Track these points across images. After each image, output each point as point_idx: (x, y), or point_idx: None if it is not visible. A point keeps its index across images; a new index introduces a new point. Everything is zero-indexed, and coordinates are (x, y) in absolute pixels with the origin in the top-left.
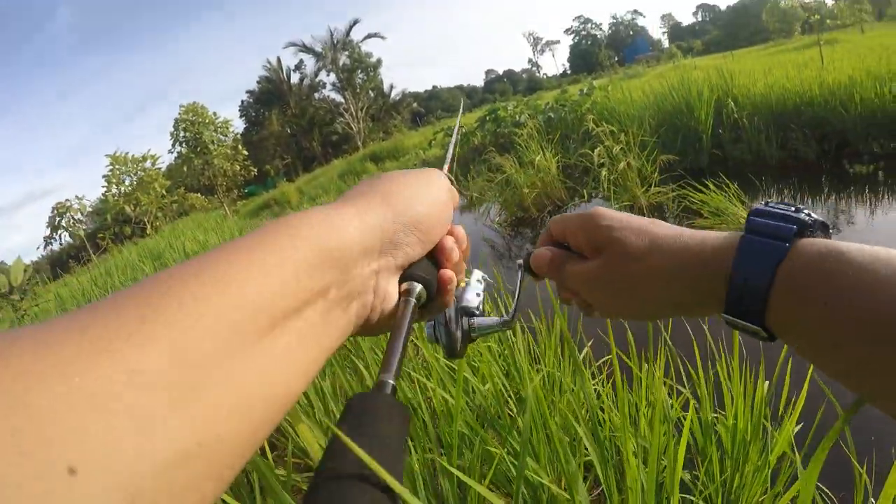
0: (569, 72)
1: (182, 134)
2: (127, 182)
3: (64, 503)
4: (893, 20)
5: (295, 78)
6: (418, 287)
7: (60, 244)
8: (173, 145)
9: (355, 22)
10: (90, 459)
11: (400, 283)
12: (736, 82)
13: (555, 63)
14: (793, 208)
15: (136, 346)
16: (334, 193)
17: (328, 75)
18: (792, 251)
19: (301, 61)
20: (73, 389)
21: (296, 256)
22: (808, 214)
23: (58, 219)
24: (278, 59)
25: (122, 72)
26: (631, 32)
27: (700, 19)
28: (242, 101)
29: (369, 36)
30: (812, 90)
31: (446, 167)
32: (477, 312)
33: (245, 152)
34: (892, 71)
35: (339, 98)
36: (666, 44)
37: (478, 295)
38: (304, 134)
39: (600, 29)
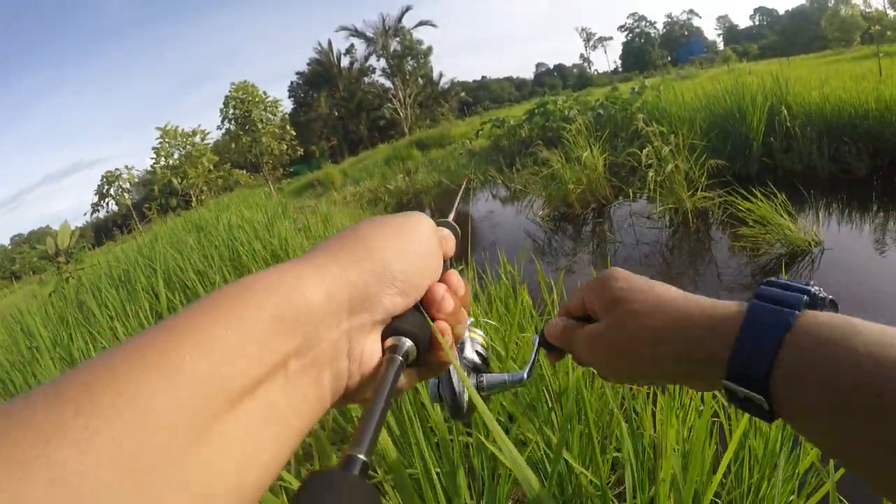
0: (620, 69)
1: (231, 111)
2: (175, 155)
3: None
4: None
5: (345, 62)
6: (406, 342)
7: (107, 212)
8: (222, 122)
9: (407, 9)
10: None
11: (384, 339)
12: (791, 90)
13: (607, 60)
14: (804, 282)
15: (69, 445)
16: (378, 177)
17: (378, 60)
18: (801, 319)
19: (352, 45)
20: None
21: (245, 326)
22: (819, 289)
23: (106, 187)
24: (329, 42)
25: (176, 48)
26: (686, 33)
27: (757, 23)
28: (292, 82)
29: (421, 23)
30: (868, 103)
31: (452, 216)
32: (482, 368)
33: (293, 132)
34: None
35: (387, 84)
36: (721, 46)
37: (478, 352)
38: (351, 117)
39: (654, 27)
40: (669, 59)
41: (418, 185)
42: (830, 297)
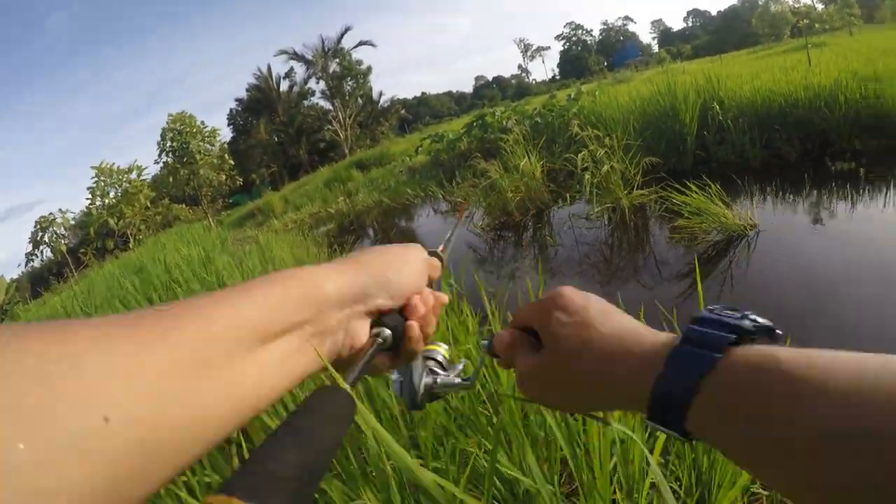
0: (558, 77)
1: (169, 144)
2: (112, 194)
3: (98, 443)
4: (882, 23)
5: (284, 86)
6: (386, 332)
7: (42, 260)
8: (160, 155)
9: (347, 30)
10: (120, 409)
11: (372, 327)
12: (723, 86)
13: (545, 69)
14: (738, 314)
15: (166, 331)
16: (319, 202)
17: (318, 83)
18: (723, 362)
19: (291, 69)
20: (120, 355)
21: (285, 294)
22: (754, 320)
23: (40, 233)
24: (268, 67)
25: (115, 80)
26: (621, 38)
27: (691, 24)
28: (231, 110)
29: (360, 44)
30: (798, 92)
31: (441, 248)
32: (441, 372)
33: (231, 161)
34: (878, 72)
35: (328, 105)
36: (656, 49)
37: (438, 360)
38: (291, 142)
39: (591, 35)
40: (606, 64)
41: (359, 206)
42: (767, 324)
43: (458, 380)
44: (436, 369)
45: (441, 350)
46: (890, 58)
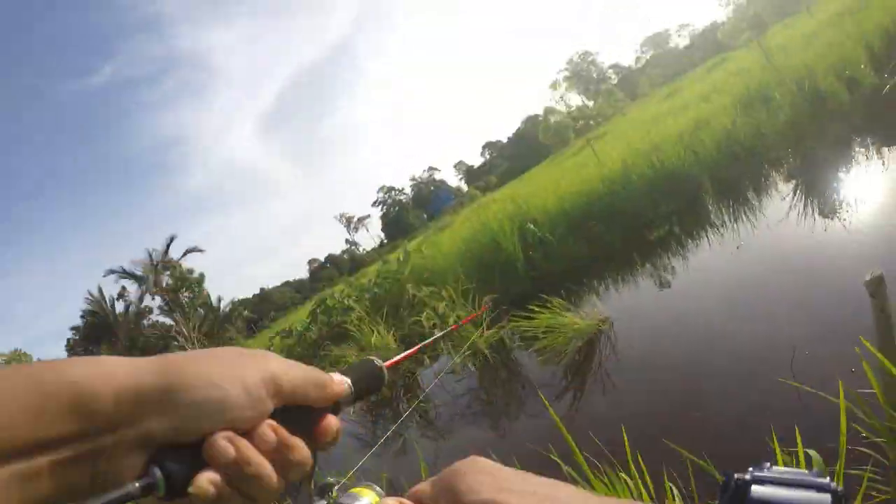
0: (386, 241)
1: None
2: None
3: None
4: (644, 96)
5: (120, 307)
6: (157, 474)
7: None
8: None
9: (172, 239)
10: None
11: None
12: (531, 204)
13: (370, 236)
14: (805, 472)
15: None
16: None
17: (153, 299)
18: None
19: (123, 288)
20: None
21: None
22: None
23: None
24: (100, 289)
25: None
26: (432, 188)
27: (489, 156)
28: (69, 340)
29: (188, 251)
30: (595, 185)
31: (386, 363)
32: None
33: None
34: (654, 141)
35: (169, 321)
36: (465, 188)
37: None
38: None
39: (404, 193)
40: (425, 216)
41: None
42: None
43: None
44: None
45: (364, 498)
46: (659, 125)
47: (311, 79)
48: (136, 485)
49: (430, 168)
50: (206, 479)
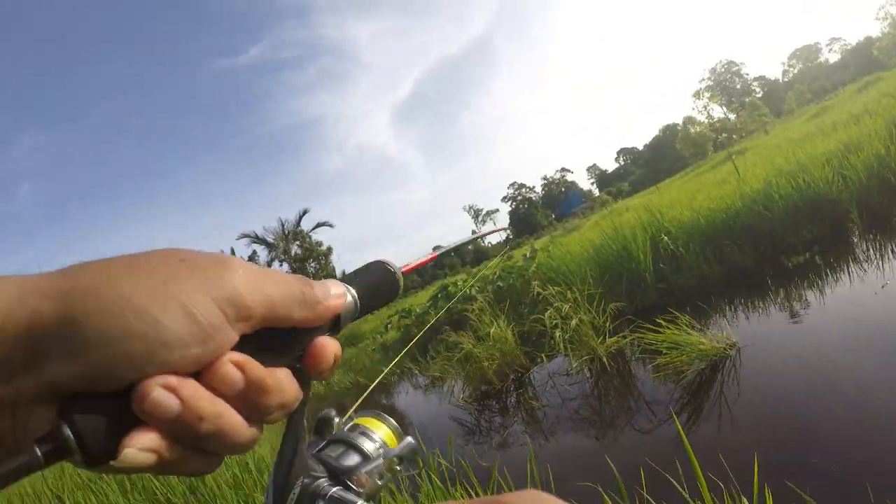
0: (511, 237)
1: None
2: None
3: None
4: (790, 114)
5: None
6: (65, 431)
7: None
8: None
9: (305, 212)
10: None
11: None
12: (666, 216)
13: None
14: None
15: None
16: None
17: (281, 265)
18: None
19: (254, 252)
20: None
21: None
22: None
23: None
24: (232, 251)
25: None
26: (563, 189)
27: (623, 163)
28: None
29: (319, 225)
30: (735, 203)
31: (403, 267)
32: (354, 482)
33: None
34: (801, 162)
35: None
36: (596, 192)
37: (373, 442)
38: None
39: (534, 191)
40: (554, 216)
41: (336, 388)
42: None
43: None
44: (349, 481)
45: (375, 432)
46: (807, 146)
47: (448, 73)
48: (37, 450)
49: (563, 169)
50: (141, 444)
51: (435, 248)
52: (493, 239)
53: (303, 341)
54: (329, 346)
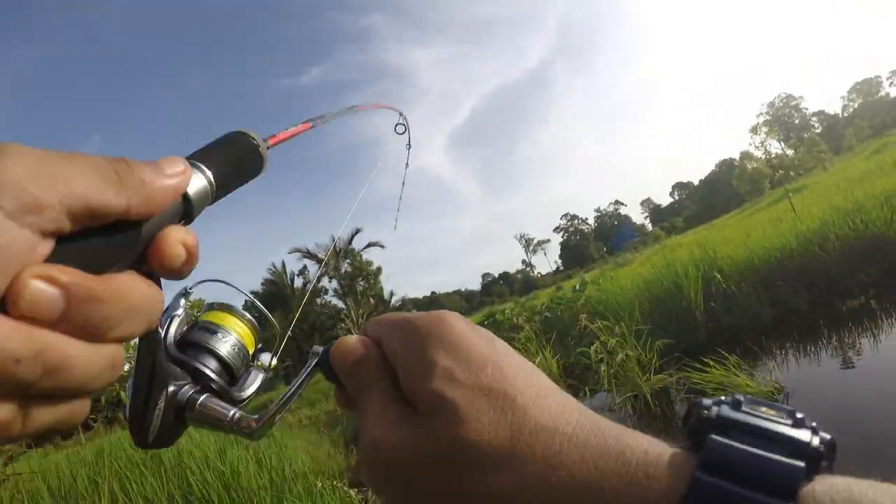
0: (562, 268)
1: None
2: (126, 367)
3: None
4: (850, 150)
5: (298, 283)
6: None
7: None
8: None
9: (357, 231)
10: None
11: None
12: (719, 253)
13: (547, 261)
14: (785, 416)
15: None
16: (332, 399)
17: (330, 282)
18: None
19: (305, 266)
20: None
21: None
22: (814, 429)
23: None
24: (283, 264)
25: None
26: (616, 222)
27: (677, 197)
28: (245, 302)
29: (370, 245)
30: (790, 242)
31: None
32: (215, 382)
33: None
34: (859, 201)
35: (340, 304)
36: (649, 227)
37: (212, 349)
38: (305, 338)
39: (587, 223)
40: (605, 249)
41: None
42: (828, 437)
43: (234, 413)
44: (209, 372)
45: (229, 331)
46: (866, 184)
47: (505, 100)
48: None
49: (616, 202)
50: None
51: (307, 120)
52: (543, 269)
53: (142, 236)
54: (173, 233)
